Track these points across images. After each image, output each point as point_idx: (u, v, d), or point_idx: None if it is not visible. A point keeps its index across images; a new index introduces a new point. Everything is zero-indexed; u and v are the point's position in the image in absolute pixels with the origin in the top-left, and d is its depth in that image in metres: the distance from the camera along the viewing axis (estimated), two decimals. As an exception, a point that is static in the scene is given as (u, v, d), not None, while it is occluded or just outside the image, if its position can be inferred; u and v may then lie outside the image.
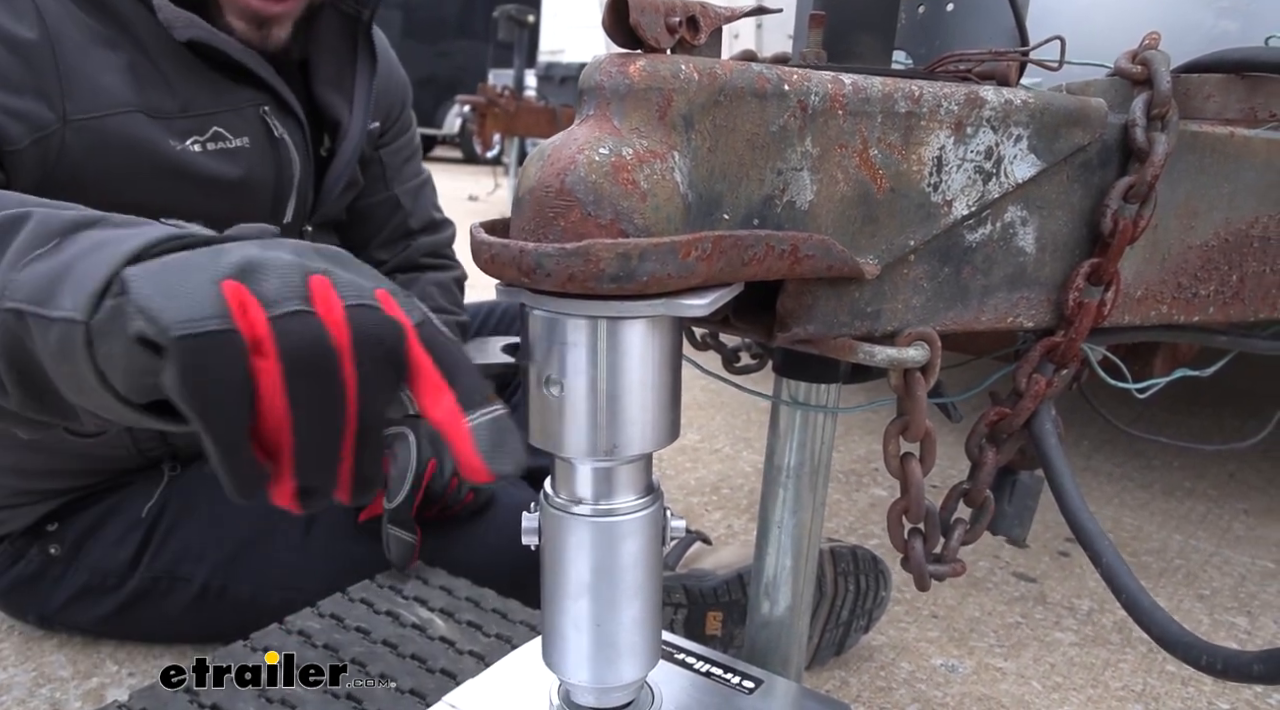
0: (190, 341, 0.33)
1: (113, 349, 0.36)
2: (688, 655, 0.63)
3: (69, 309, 0.37)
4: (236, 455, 0.35)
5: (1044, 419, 0.61)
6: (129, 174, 0.78)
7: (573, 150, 0.40)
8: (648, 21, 0.41)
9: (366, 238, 1.13)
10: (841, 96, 0.47)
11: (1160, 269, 0.62)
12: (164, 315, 0.33)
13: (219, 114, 0.84)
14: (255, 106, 0.87)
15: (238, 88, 0.85)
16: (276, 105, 0.89)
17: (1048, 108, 0.53)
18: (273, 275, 0.35)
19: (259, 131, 0.87)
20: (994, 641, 1.04)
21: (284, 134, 0.89)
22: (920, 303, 0.54)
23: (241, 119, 0.86)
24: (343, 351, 0.35)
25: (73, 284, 0.37)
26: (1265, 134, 0.62)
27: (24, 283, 0.39)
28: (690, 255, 0.39)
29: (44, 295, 0.38)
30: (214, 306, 0.34)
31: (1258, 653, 0.42)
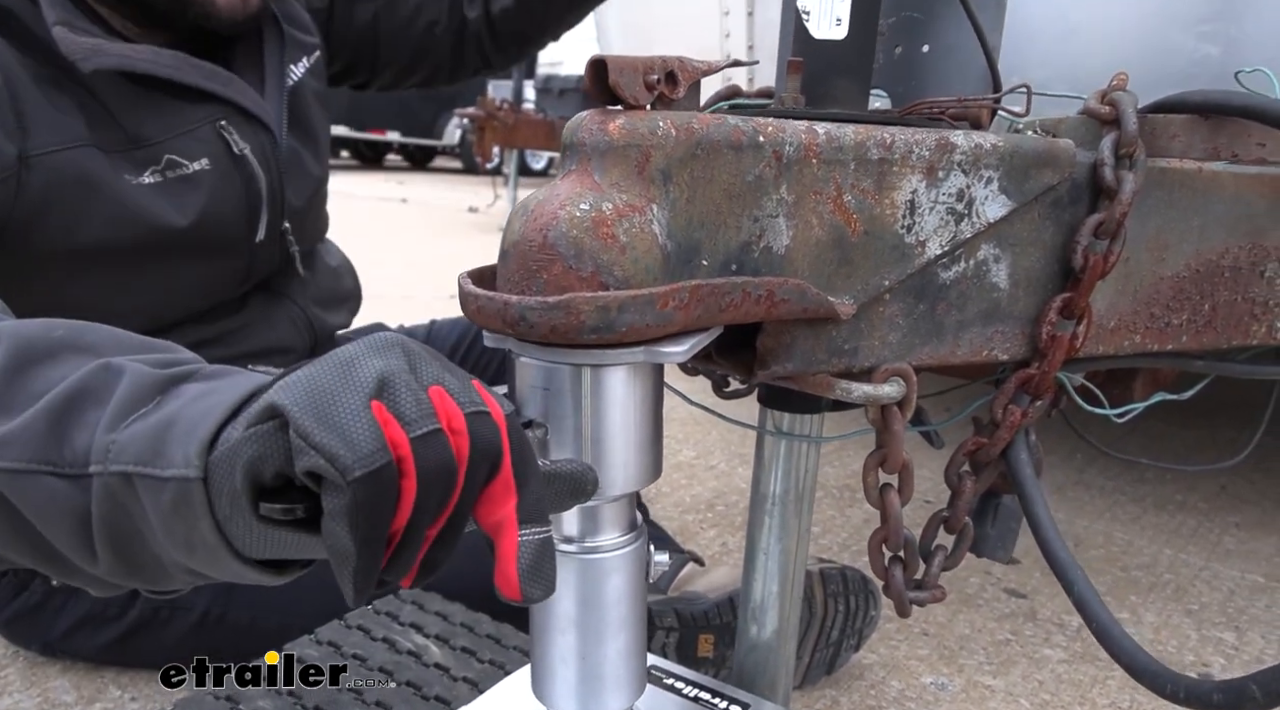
0: (367, 479, 0.33)
1: (231, 506, 0.35)
2: (676, 680, 0.64)
3: (180, 466, 0.35)
4: (372, 574, 0.35)
5: (1019, 448, 0.63)
6: (88, 211, 0.75)
7: (555, 206, 0.41)
8: (626, 81, 0.43)
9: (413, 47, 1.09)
10: (815, 146, 0.48)
11: (1132, 300, 0.64)
12: (341, 456, 0.33)
13: (170, 140, 0.79)
14: (210, 123, 0.82)
15: (189, 106, 0.80)
16: (236, 113, 0.84)
17: (1017, 150, 0.55)
18: (404, 392, 0.35)
19: (218, 150, 0.82)
20: (983, 659, 1.05)
21: (245, 149, 0.84)
22: (896, 339, 0.56)
23: (196, 140, 0.81)
24: (461, 465, 0.35)
25: (179, 438, 0.36)
26: (1233, 168, 0.64)
27: (128, 444, 0.37)
28: (668, 305, 0.41)
29: (150, 454, 0.36)
30: (377, 438, 0.33)
31: (1218, 683, 0.44)
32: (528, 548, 0.36)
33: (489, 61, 1.15)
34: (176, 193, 0.80)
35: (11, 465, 0.37)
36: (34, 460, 0.37)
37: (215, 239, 0.84)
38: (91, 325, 0.43)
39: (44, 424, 0.38)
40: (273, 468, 0.34)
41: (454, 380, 0.37)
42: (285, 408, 0.34)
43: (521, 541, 0.36)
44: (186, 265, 0.84)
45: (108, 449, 0.37)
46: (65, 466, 0.37)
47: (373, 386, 0.35)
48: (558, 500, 0.40)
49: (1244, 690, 0.42)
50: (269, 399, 0.34)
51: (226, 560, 0.36)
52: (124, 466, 0.36)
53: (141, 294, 0.83)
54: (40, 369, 0.40)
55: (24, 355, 0.40)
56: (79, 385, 0.38)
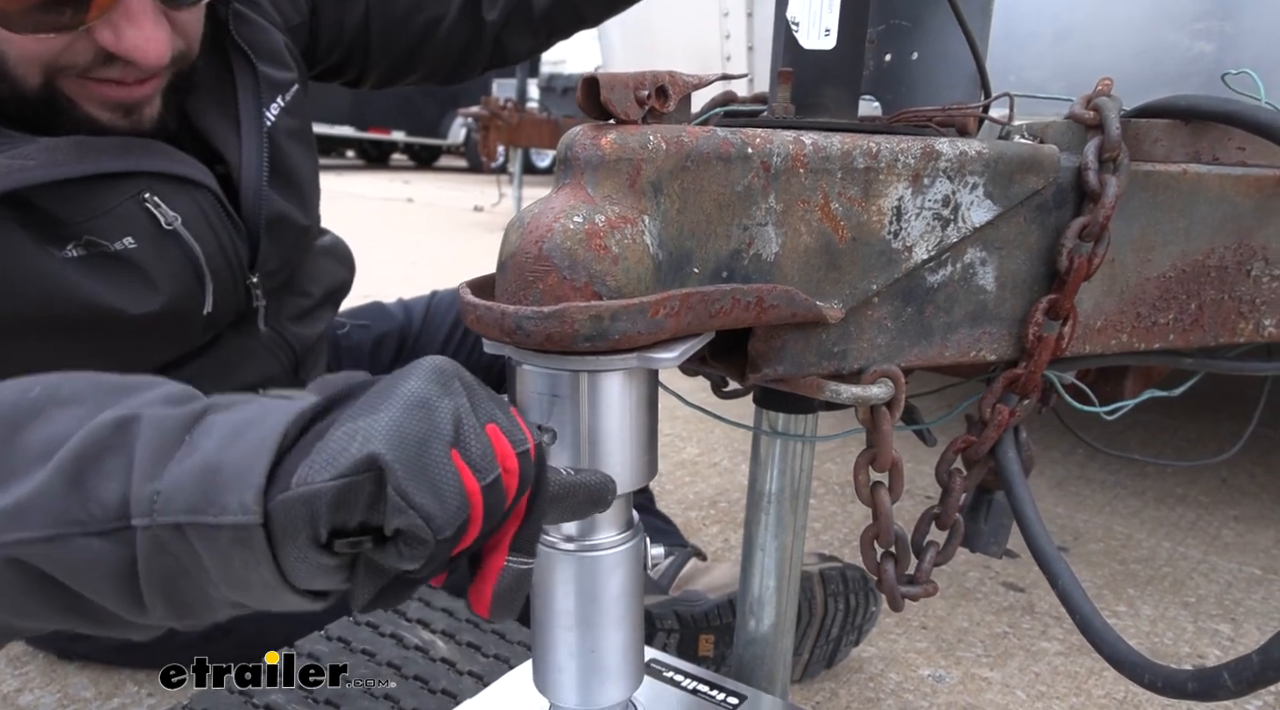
0: (453, 536, 0.35)
1: (302, 550, 0.34)
2: (676, 673, 0.66)
3: (237, 513, 0.34)
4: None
5: (1007, 446, 0.64)
6: (8, 285, 0.68)
7: (549, 218, 0.43)
8: (617, 97, 0.44)
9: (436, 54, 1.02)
10: (802, 156, 0.50)
11: (1119, 300, 0.66)
12: (436, 516, 0.34)
13: (87, 221, 0.70)
14: (133, 198, 0.72)
15: (104, 186, 0.71)
16: (163, 181, 0.74)
17: (1001, 156, 0.56)
18: (473, 439, 0.36)
19: (144, 226, 0.73)
20: (981, 651, 1.07)
21: (175, 221, 0.74)
22: (885, 341, 0.57)
23: (116, 219, 0.72)
24: (509, 502, 0.37)
25: (231, 483, 0.35)
26: (1217, 170, 0.65)
27: (173, 493, 0.35)
28: (659, 313, 0.43)
29: (201, 502, 0.35)
30: (463, 496, 0.35)
31: (1192, 671, 0.45)
32: (509, 575, 0.38)
33: (512, 56, 1.10)
34: (103, 270, 0.72)
35: (37, 534, 0.36)
36: (60, 523, 0.36)
37: (154, 316, 0.76)
38: (64, 376, 0.41)
39: (61, 485, 0.36)
40: (358, 518, 0.35)
41: (504, 417, 0.38)
42: (387, 463, 0.34)
43: (506, 567, 0.38)
44: (128, 340, 0.77)
45: (152, 500, 0.35)
46: (96, 524, 0.36)
47: (452, 433, 0.36)
48: (579, 509, 0.42)
49: (1216, 679, 0.43)
50: (369, 451, 0.34)
51: (281, 594, 0.36)
52: (174, 517, 0.35)
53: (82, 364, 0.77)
54: (29, 432, 0.38)
55: (7, 421, 0.38)
56: (89, 439, 0.37)
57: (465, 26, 1.03)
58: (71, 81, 0.68)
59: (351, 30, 0.98)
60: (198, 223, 0.77)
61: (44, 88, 0.67)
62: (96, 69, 0.68)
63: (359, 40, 1.00)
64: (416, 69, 1.06)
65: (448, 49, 1.04)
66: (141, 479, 0.35)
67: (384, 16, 0.99)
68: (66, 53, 0.66)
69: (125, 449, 0.36)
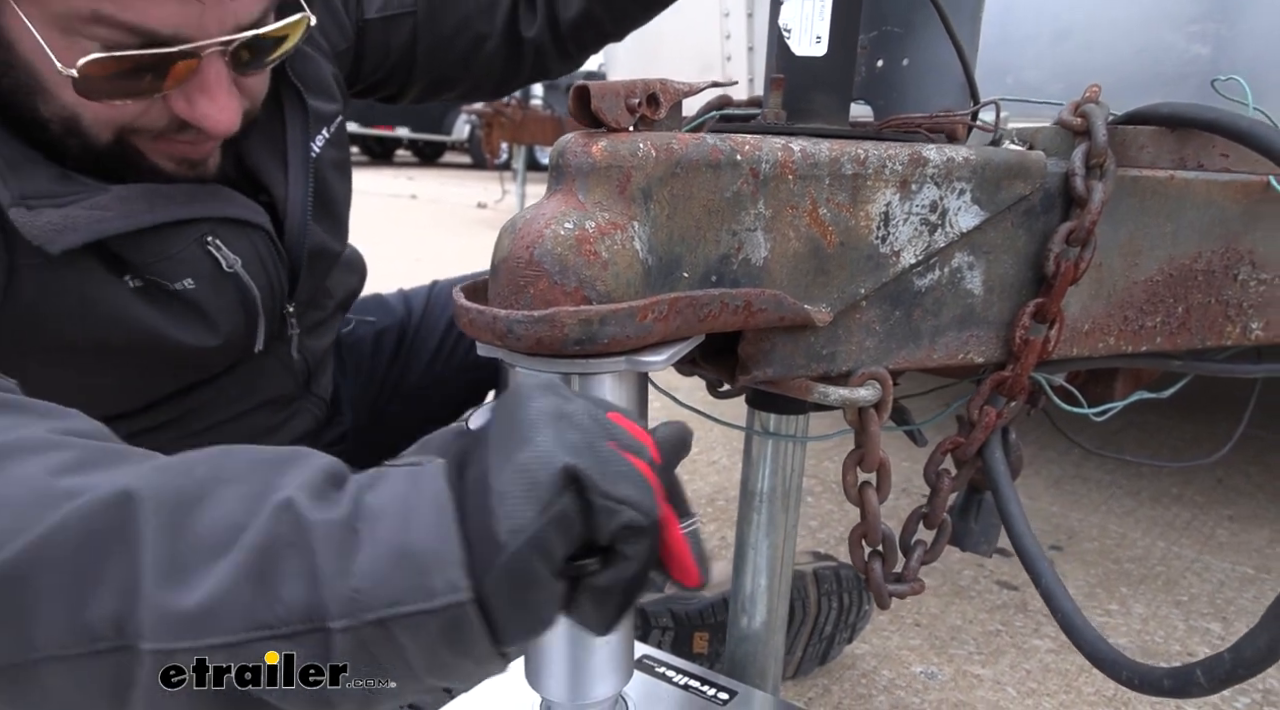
0: (658, 517, 0.35)
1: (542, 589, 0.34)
2: (667, 669, 0.67)
3: (446, 593, 0.33)
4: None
5: (994, 447, 0.65)
6: (79, 312, 0.69)
7: (540, 224, 0.44)
8: (608, 106, 0.45)
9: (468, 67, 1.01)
10: (791, 163, 0.51)
11: (1106, 304, 0.67)
12: (643, 501, 0.34)
13: (153, 264, 0.71)
14: (196, 241, 0.73)
15: (169, 231, 0.72)
16: (223, 224, 0.75)
17: (988, 163, 0.57)
18: (613, 427, 0.37)
19: (205, 268, 0.74)
20: (973, 649, 1.08)
21: (236, 264, 0.76)
22: (874, 344, 0.58)
23: (178, 262, 0.72)
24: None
25: (430, 565, 0.33)
26: (1204, 176, 0.66)
27: (372, 588, 0.33)
28: (647, 317, 0.44)
29: (405, 592, 0.33)
30: (646, 477, 0.35)
31: (1168, 669, 0.46)
32: (692, 537, 0.39)
33: (548, 72, 1.09)
34: (163, 303, 0.73)
35: (229, 639, 0.34)
36: (249, 628, 0.34)
37: (210, 350, 0.78)
38: (222, 451, 0.39)
39: (248, 587, 0.34)
40: (576, 535, 0.34)
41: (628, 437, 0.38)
42: (583, 472, 0.33)
43: (687, 532, 0.38)
44: (177, 365, 0.78)
45: (352, 600, 0.33)
46: (284, 627, 0.34)
47: (600, 429, 0.36)
48: (680, 457, 0.42)
49: (1190, 676, 0.45)
50: (560, 466, 0.33)
51: (491, 665, 0.35)
52: (379, 613, 0.33)
53: (126, 383, 0.78)
54: (198, 517, 0.35)
55: (176, 503, 0.35)
56: (266, 534, 0.34)
57: (508, 44, 1.02)
58: (142, 139, 0.69)
59: (399, 50, 0.97)
60: (253, 263, 0.78)
61: (115, 144, 0.68)
62: (169, 133, 0.69)
63: (405, 59, 0.99)
64: (458, 86, 1.06)
65: (490, 66, 1.03)
66: (332, 577, 0.33)
67: (431, 35, 0.98)
68: (141, 118, 0.67)
69: (303, 546, 0.34)
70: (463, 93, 1.08)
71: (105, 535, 0.34)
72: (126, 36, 0.61)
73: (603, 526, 0.34)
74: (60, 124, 0.66)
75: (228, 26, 0.65)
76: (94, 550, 0.34)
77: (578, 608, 0.36)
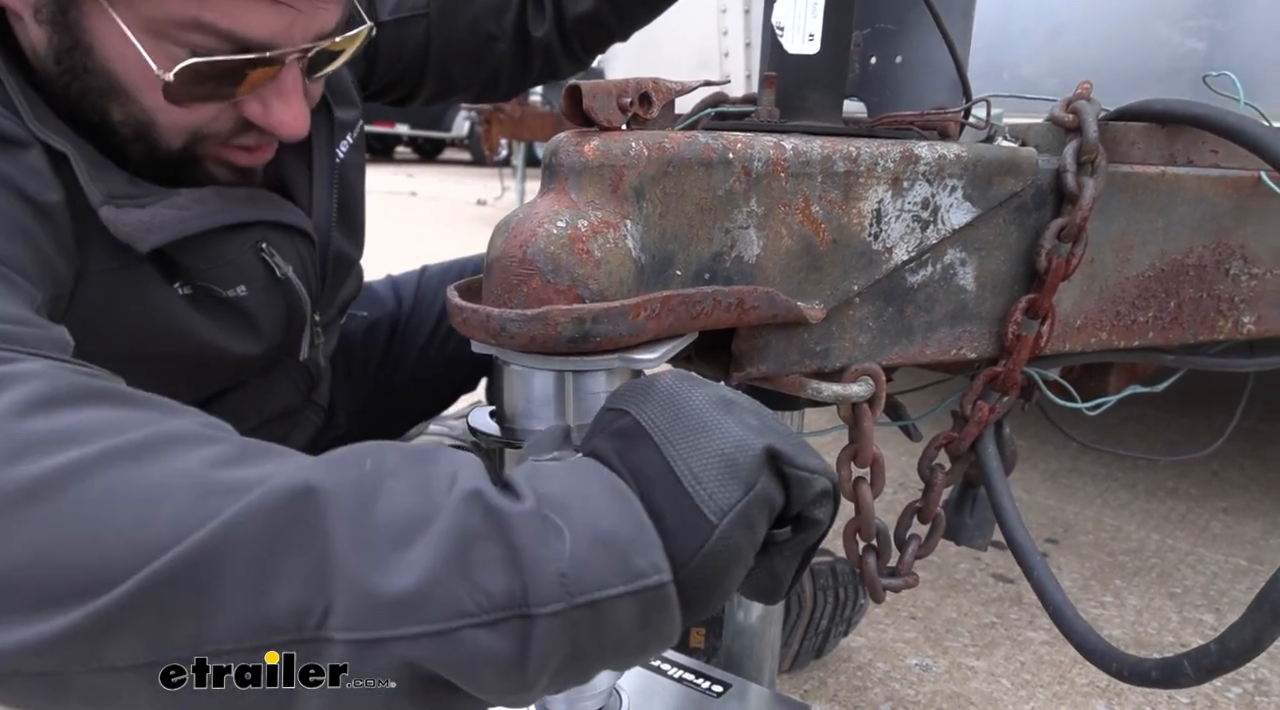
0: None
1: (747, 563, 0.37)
2: (662, 662, 0.68)
3: (651, 573, 0.34)
4: None
5: (987, 442, 0.66)
6: (129, 321, 0.70)
7: (533, 223, 0.45)
8: (600, 105, 0.46)
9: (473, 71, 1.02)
10: (783, 160, 0.51)
11: (1098, 299, 0.67)
12: (827, 468, 0.39)
13: (210, 270, 0.72)
14: (251, 247, 0.74)
15: (227, 236, 0.73)
16: (275, 230, 0.77)
17: (980, 159, 0.58)
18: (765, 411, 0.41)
19: (259, 274, 0.75)
20: (968, 641, 1.09)
21: (288, 271, 0.77)
22: (867, 340, 0.59)
23: (234, 268, 0.74)
24: None
25: (632, 548, 0.34)
26: (1195, 171, 0.66)
27: (580, 573, 0.34)
28: (640, 315, 0.44)
29: (611, 575, 0.34)
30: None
31: (1156, 660, 0.47)
32: None
33: (558, 72, 1.09)
34: (212, 309, 0.74)
35: (433, 627, 0.33)
36: (454, 616, 0.33)
37: (252, 357, 0.79)
38: (371, 445, 0.39)
39: (451, 574, 0.33)
40: (776, 508, 0.38)
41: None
42: (779, 450, 0.37)
43: None
44: (218, 373, 0.80)
45: (561, 585, 0.33)
46: (485, 615, 0.33)
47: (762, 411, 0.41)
48: None
49: (1178, 667, 0.45)
50: (763, 444, 0.37)
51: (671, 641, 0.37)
52: (590, 596, 0.34)
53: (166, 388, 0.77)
54: (382, 508, 0.35)
55: (356, 495, 0.35)
56: (461, 525, 0.34)
57: (517, 45, 1.03)
58: (207, 145, 0.70)
59: (411, 52, 0.98)
60: (299, 271, 0.79)
61: (182, 150, 0.69)
62: (236, 136, 0.70)
63: (417, 61, 0.99)
64: (470, 88, 1.06)
65: (501, 67, 1.04)
66: (537, 564, 0.34)
67: (443, 37, 0.99)
68: (213, 122, 0.68)
69: (499, 535, 0.34)
70: (474, 94, 1.09)
71: (292, 527, 0.33)
72: (220, 43, 0.62)
73: (801, 496, 0.38)
74: (133, 128, 0.66)
75: (310, 35, 0.66)
76: (281, 542, 0.33)
77: (757, 576, 0.40)
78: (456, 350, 1.13)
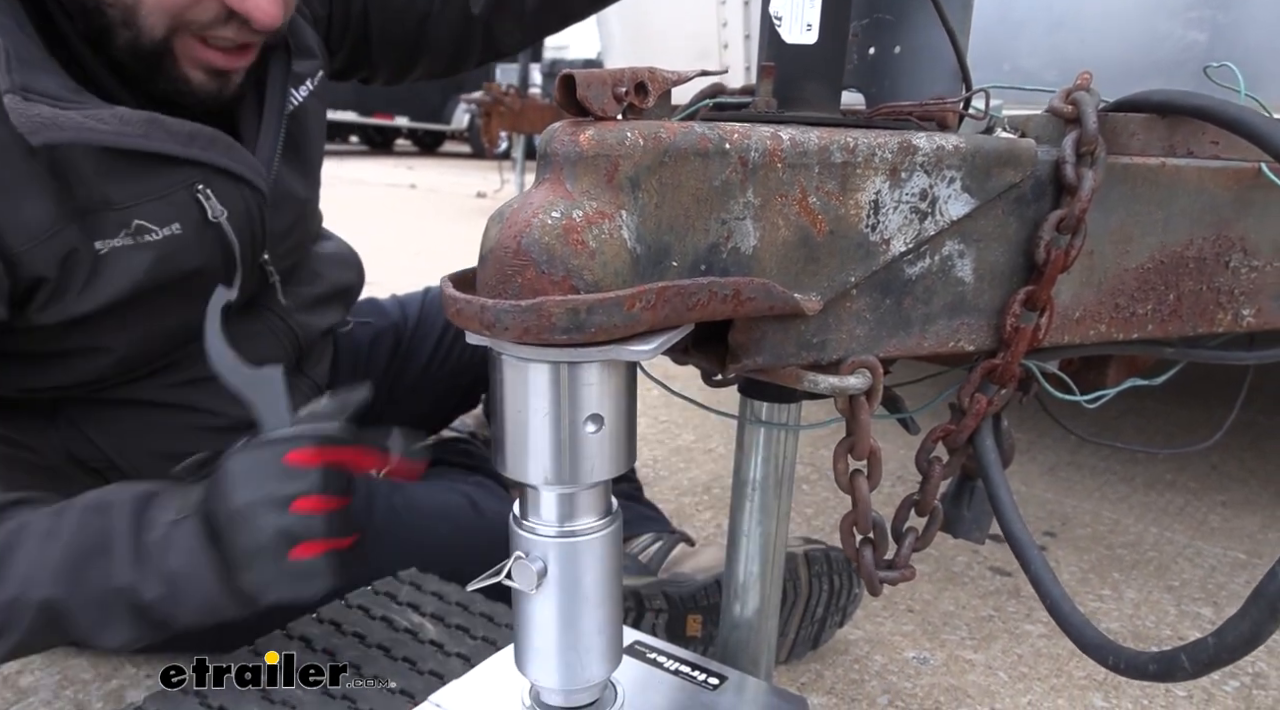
0: None
1: None
2: (659, 655, 0.68)
3: None
4: None
5: (985, 435, 0.65)
6: (70, 285, 0.73)
7: (528, 214, 0.44)
8: (594, 94, 0.45)
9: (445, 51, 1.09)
10: (780, 151, 0.51)
11: (1097, 291, 0.67)
12: None
13: (141, 205, 0.75)
14: (186, 187, 0.78)
15: (162, 169, 0.76)
16: (217, 174, 0.80)
17: (978, 151, 0.57)
18: None
19: (192, 214, 0.79)
20: (965, 634, 1.09)
21: (221, 216, 0.80)
22: (864, 333, 0.58)
23: (169, 204, 0.77)
24: None
25: None
26: (1196, 163, 0.66)
27: None
28: (635, 306, 0.44)
29: None
30: None
31: (1153, 654, 0.47)
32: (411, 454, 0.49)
33: (502, 50, 1.14)
34: (143, 253, 0.77)
35: None
36: None
37: (187, 292, 0.82)
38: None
39: None
40: None
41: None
42: None
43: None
44: (160, 315, 0.83)
45: None
46: None
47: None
48: None
49: (1175, 660, 0.45)
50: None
51: None
52: None
53: (122, 340, 0.82)
54: None
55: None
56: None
57: (456, 21, 1.07)
58: (187, 40, 0.74)
59: (355, 20, 1.03)
60: (240, 217, 0.83)
61: (163, 41, 0.73)
62: (215, 28, 0.74)
63: (360, 35, 1.04)
64: (418, 63, 1.11)
65: (441, 42, 1.08)
66: None
67: (381, 14, 1.04)
68: (195, 8, 0.72)
69: None
70: (424, 70, 1.13)
71: None
72: None
73: None
74: (120, 10, 0.71)
75: None
76: None
77: None
78: (458, 363, 1.16)
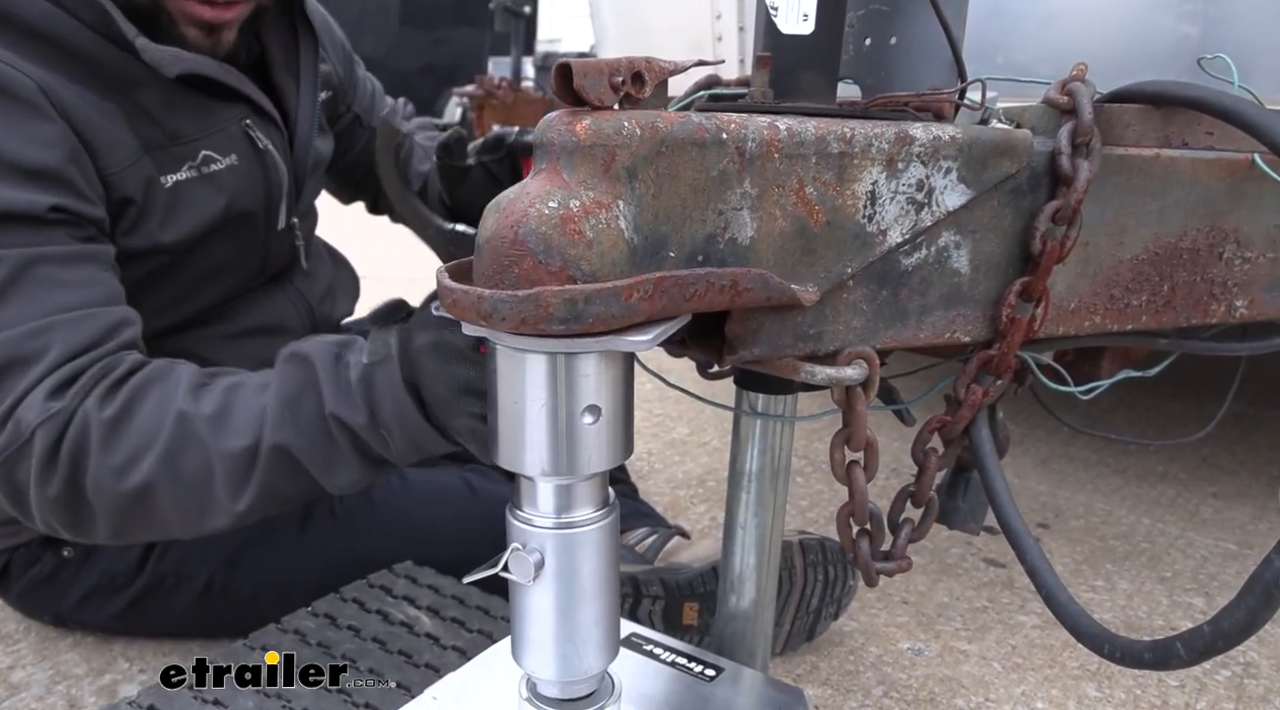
0: None
1: None
2: (656, 647, 0.68)
3: None
4: None
5: (981, 426, 0.65)
6: (146, 215, 0.82)
7: (525, 204, 0.44)
8: (591, 84, 0.45)
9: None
10: (777, 141, 0.51)
11: (1092, 282, 0.67)
12: None
13: (206, 138, 0.87)
14: (238, 122, 0.91)
15: (219, 106, 0.89)
16: (256, 114, 0.92)
17: (975, 142, 0.57)
18: None
19: (244, 147, 0.91)
20: (960, 625, 1.09)
21: (267, 144, 0.93)
22: (860, 324, 0.58)
23: (227, 138, 0.89)
24: None
25: None
26: (1190, 154, 0.66)
27: None
28: (632, 297, 0.44)
29: None
30: None
31: (1149, 642, 0.47)
32: None
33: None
34: (210, 185, 0.88)
35: None
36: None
37: (240, 227, 0.92)
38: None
39: None
40: None
41: None
42: None
43: None
44: (215, 255, 0.92)
45: None
46: None
47: None
48: None
49: (1171, 649, 0.45)
50: None
51: None
52: None
53: (174, 285, 0.90)
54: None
55: None
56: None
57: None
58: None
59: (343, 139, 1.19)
60: (279, 152, 0.95)
61: (153, 1, 0.81)
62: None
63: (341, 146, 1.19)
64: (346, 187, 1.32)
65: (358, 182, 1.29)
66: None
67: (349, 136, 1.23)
68: None
69: None
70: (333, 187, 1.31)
71: None
72: None
73: None
74: None
75: None
76: None
77: None
78: None
